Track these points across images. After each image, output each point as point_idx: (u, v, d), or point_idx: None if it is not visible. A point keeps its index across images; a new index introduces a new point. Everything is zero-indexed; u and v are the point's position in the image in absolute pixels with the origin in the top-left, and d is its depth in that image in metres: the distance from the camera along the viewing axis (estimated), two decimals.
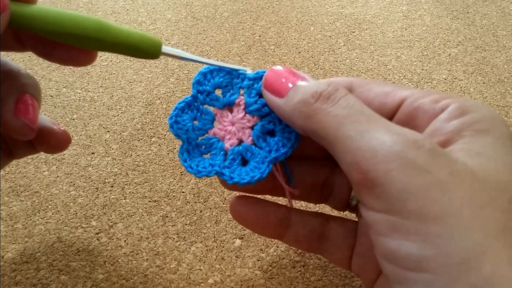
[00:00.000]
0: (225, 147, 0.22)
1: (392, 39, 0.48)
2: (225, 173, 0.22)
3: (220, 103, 0.23)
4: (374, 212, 0.16)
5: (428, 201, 0.14)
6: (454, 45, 0.47)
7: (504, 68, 0.44)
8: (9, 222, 0.30)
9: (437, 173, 0.15)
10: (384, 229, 0.15)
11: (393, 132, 0.16)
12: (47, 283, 0.27)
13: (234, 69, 0.23)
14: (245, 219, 0.24)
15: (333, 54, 0.46)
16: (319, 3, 0.54)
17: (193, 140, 0.22)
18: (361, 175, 0.16)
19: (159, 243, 0.29)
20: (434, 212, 0.14)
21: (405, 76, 0.43)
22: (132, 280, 0.27)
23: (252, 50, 0.46)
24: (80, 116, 0.38)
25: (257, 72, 0.22)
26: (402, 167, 0.15)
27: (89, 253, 0.28)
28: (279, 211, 0.24)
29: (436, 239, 0.14)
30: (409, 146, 0.15)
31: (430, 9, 0.53)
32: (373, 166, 0.15)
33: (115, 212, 0.31)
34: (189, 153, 0.22)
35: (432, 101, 0.19)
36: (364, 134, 0.16)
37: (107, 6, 0.53)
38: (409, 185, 0.15)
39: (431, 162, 0.15)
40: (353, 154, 0.16)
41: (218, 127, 0.23)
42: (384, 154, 0.15)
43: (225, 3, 0.54)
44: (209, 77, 0.23)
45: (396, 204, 0.15)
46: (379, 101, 0.21)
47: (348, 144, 0.16)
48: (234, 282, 0.27)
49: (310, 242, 0.24)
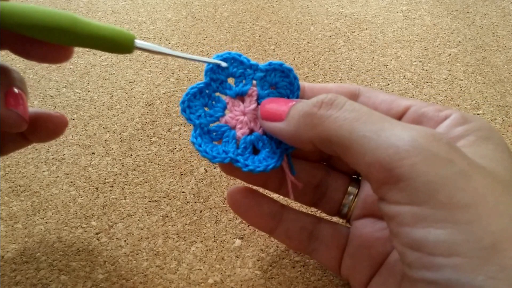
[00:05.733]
0: (237, 136, 0.23)
1: (392, 39, 0.48)
2: (240, 160, 0.22)
3: (232, 92, 0.23)
4: (397, 205, 0.16)
5: (456, 190, 0.15)
6: (454, 45, 0.47)
7: (504, 68, 0.44)
8: (9, 222, 0.30)
9: (459, 164, 0.16)
10: (409, 220, 0.16)
11: (410, 128, 0.17)
12: (47, 283, 0.27)
13: (206, 61, 0.23)
14: (240, 207, 0.24)
15: (333, 54, 0.46)
16: (319, 3, 0.54)
17: (205, 126, 0.23)
18: (385, 173, 0.16)
19: (159, 243, 0.29)
20: (463, 200, 0.15)
21: (405, 76, 0.43)
22: (132, 280, 0.27)
23: (252, 50, 0.46)
24: (80, 116, 0.38)
25: (270, 63, 0.23)
26: (426, 159, 0.15)
27: (89, 253, 0.28)
28: (273, 204, 0.25)
29: (466, 225, 0.15)
30: (429, 139, 0.16)
31: (430, 9, 0.53)
32: (397, 162, 0.16)
33: (115, 212, 0.31)
34: (202, 139, 0.22)
35: (435, 110, 0.20)
36: (380, 132, 0.16)
37: (107, 6, 0.53)
38: (435, 176, 0.15)
39: (452, 153, 0.16)
40: (373, 154, 0.16)
41: (230, 116, 0.23)
42: (407, 149, 0.16)
43: (225, 3, 0.54)
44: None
45: (424, 196, 0.15)
46: (385, 107, 0.21)
47: (366, 144, 0.16)
48: (234, 282, 0.27)
49: (300, 240, 0.25)
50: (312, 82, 0.42)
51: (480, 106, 0.39)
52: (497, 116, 0.38)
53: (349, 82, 0.42)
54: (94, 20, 0.20)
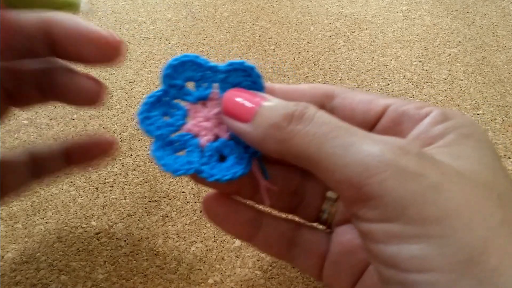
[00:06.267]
0: (201, 144, 0.21)
1: (392, 39, 0.48)
2: (205, 170, 0.21)
3: (192, 98, 0.21)
4: (369, 223, 0.16)
5: (427, 205, 0.14)
6: (454, 45, 0.47)
7: (504, 68, 0.44)
8: (9, 222, 0.30)
9: (430, 176, 0.15)
10: (382, 237, 0.15)
11: (378, 141, 0.16)
12: (47, 283, 0.27)
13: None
14: (216, 215, 0.23)
15: (333, 54, 0.46)
16: (319, 3, 0.54)
17: (166, 137, 0.21)
18: (354, 191, 0.15)
19: (159, 243, 0.29)
20: (434, 214, 0.14)
21: (405, 76, 0.43)
22: (132, 280, 0.27)
23: (252, 50, 0.46)
24: (80, 116, 0.38)
25: (230, 63, 0.21)
26: (395, 175, 0.15)
27: (89, 253, 0.28)
28: (251, 211, 0.23)
29: (440, 239, 0.14)
30: (397, 153, 0.15)
31: (430, 9, 0.53)
32: (366, 180, 0.15)
33: (115, 212, 0.31)
34: (163, 151, 0.21)
35: (416, 107, 0.19)
36: (349, 148, 0.16)
37: (107, 6, 0.53)
38: (406, 192, 0.15)
39: (422, 166, 0.15)
40: (342, 171, 0.16)
41: (192, 123, 0.21)
42: (375, 165, 0.15)
43: (225, 3, 0.54)
44: (181, 69, 0.21)
45: (395, 213, 0.15)
46: (363, 107, 0.20)
47: (334, 161, 0.16)
48: (234, 282, 0.27)
49: (280, 247, 0.24)
50: (312, 82, 0.42)
51: (480, 106, 0.39)
52: (497, 116, 0.38)
53: (348, 82, 0.42)
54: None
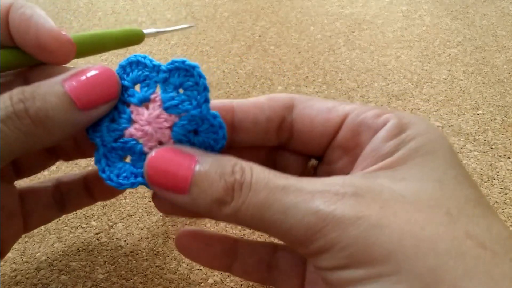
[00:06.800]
0: (145, 151, 0.19)
1: (392, 39, 0.48)
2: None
3: (136, 99, 0.20)
4: (325, 271, 0.16)
5: (371, 246, 0.15)
6: (454, 45, 0.47)
7: (504, 68, 0.44)
8: None
9: (368, 215, 0.15)
10: (337, 281, 0.16)
11: (314, 192, 0.16)
12: (47, 283, 0.27)
13: (180, 29, 0.24)
14: (190, 251, 0.23)
15: (333, 54, 0.46)
16: (319, 3, 0.54)
17: (109, 143, 0.20)
18: (304, 249, 0.16)
19: (159, 243, 0.29)
20: (380, 253, 0.14)
21: (405, 76, 0.43)
22: (132, 280, 0.27)
23: (252, 50, 0.46)
24: None
25: (172, 61, 0.19)
26: (335, 227, 0.15)
27: (89, 253, 0.28)
28: (225, 241, 0.23)
29: (390, 277, 0.14)
30: (332, 202, 0.15)
31: (430, 9, 0.53)
32: (310, 238, 0.15)
33: (115, 212, 0.31)
34: (107, 159, 0.20)
35: (374, 116, 0.19)
36: (287, 212, 0.16)
37: (107, 6, 0.53)
38: (349, 239, 0.15)
39: (359, 208, 0.15)
40: (288, 235, 0.16)
41: (135, 127, 0.19)
42: (315, 222, 0.15)
43: (225, 3, 0.54)
44: (129, 70, 0.20)
45: (344, 260, 0.15)
46: (322, 118, 0.20)
47: (278, 229, 0.16)
48: (234, 282, 0.27)
49: (259, 272, 0.23)
50: (312, 82, 0.42)
51: (480, 106, 0.39)
52: (496, 116, 0.38)
53: (348, 82, 0.42)
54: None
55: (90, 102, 0.18)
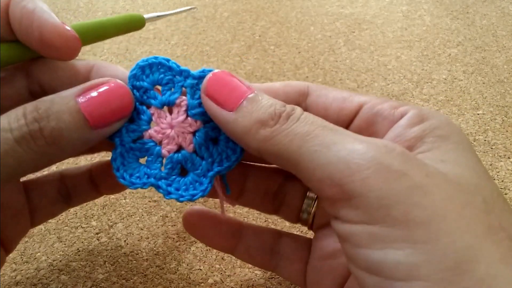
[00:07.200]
0: (163, 153, 0.20)
1: (392, 39, 0.48)
2: (162, 186, 0.20)
3: (158, 102, 0.20)
4: (351, 224, 0.15)
5: (412, 206, 0.14)
6: (454, 45, 0.47)
7: (504, 68, 0.44)
8: None
9: (415, 176, 0.15)
10: (365, 241, 0.15)
11: (362, 140, 0.16)
12: (47, 283, 0.27)
13: (180, 11, 0.24)
14: (197, 229, 0.23)
15: (333, 54, 0.46)
16: (319, 3, 0.54)
17: (127, 143, 0.20)
18: (336, 189, 0.15)
19: (159, 243, 0.29)
20: (420, 217, 0.14)
21: (405, 76, 0.43)
22: (132, 280, 0.27)
23: (252, 50, 0.46)
24: None
25: (203, 70, 0.20)
26: (378, 173, 0.14)
27: (89, 253, 0.28)
28: (232, 223, 0.24)
29: (426, 245, 0.14)
30: (381, 151, 0.15)
31: (430, 9, 0.53)
32: (348, 177, 0.15)
33: (115, 212, 0.31)
34: (123, 159, 0.20)
35: (390, 107, 0.19)
36: (331, 146, 0.15)
37: (107, 6, 0.53)
38: (389, 191, 0.14)
39: (406, 165, 0.15)
40: (323, 169, 0.15)
41: (155, 129, 0.20)
42: (358, 162, 0.15)
43: (225, 3, 0.54)
44: (148, 72, 0.20)
45: (378, 213, 0.14)
46: (337, 106, 0.20)
47: (316, 159, 0.15)
48: (234, 282, 0.27)
49: (262, 256, 0.23)
50: (312, 82, 0.42)
51: (480, 106, 0.39)
52: (496, 116, 0.38)
53: (348, 82, 0.42)
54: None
55: (103, 120, 0.18)
